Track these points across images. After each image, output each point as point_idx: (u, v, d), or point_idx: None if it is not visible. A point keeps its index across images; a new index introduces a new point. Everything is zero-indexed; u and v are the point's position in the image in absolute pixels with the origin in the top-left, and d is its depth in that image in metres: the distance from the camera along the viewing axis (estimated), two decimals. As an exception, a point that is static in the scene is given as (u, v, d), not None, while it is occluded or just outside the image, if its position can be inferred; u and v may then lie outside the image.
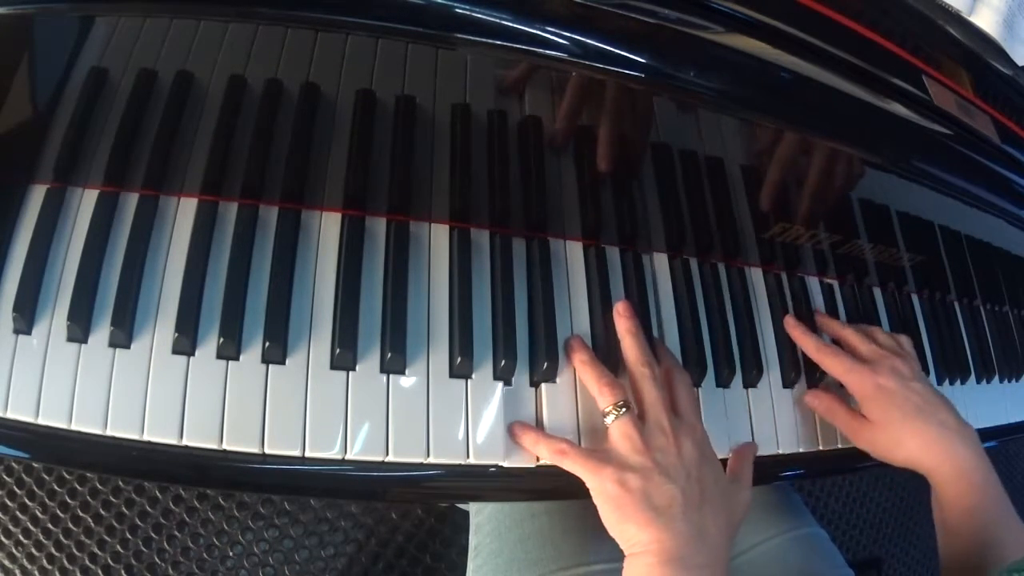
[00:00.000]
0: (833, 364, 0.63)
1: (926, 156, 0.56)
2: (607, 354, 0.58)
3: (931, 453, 0.59)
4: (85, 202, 0.52)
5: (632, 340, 0.56)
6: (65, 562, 1.01)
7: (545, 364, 0.55)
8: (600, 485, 0.50)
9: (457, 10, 0.42)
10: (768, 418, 0.64)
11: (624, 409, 0.52)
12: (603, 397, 0.53)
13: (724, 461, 0.58)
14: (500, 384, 0.55)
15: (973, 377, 0.82)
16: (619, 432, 0.52)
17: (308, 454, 0.49)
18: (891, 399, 0.60)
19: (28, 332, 0.48)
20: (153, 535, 1.04)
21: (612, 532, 0.51)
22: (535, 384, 0.56)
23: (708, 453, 0.54)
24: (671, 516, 0.49)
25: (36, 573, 1.01)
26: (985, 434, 0.79)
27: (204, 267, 0.52)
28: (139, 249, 0.51)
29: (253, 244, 0.53)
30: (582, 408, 0.56)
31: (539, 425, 0.55)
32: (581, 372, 0.56)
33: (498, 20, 0.43)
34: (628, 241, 0.63)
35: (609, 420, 0.52)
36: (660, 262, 0.65)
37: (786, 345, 0.67)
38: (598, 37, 0.44)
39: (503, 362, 0.55)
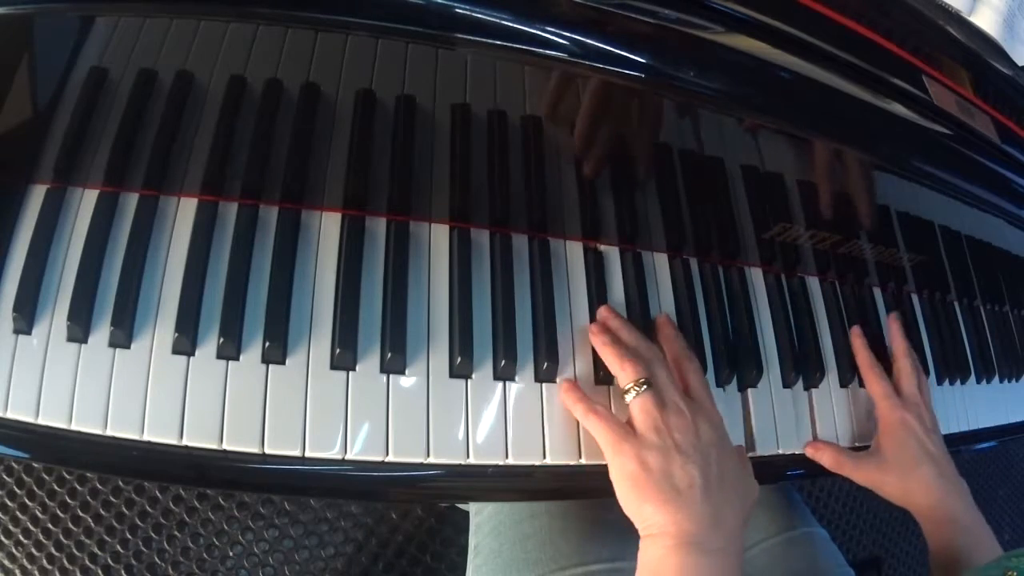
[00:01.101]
0: (875, 385, 0.66)
1: (926, 156, 0.56)
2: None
3: (927, 497, 0.62)
4: (85, 202, 0.52)
5: (631, 333, 0.56)
6: (65, 562, 1.01)
7: (545, 364, 0.55)
8: (620, 460, 0.50)
9: (457, 10, 0.42)
10: (768, 418, 0.63)
11: (645, 386, 0.52)
12: (624, 373, 0.53)
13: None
14: (500, 384, 0.55)
15: (973, 377, 0.82)
16: (640, 409, 0.52)
17: (308, 454, 0.49)
18: (909, 438, 0.63)
19: (28, 332, 0.48)
20: (153, 535, 1.04)
21: (628, 511, 0.51)
22: (535, 384, 0.56)
23: (725, 437, 0.54)
24: (690, 498, 0.49)
25: (36, 573, 1.01)
26: (985, 434, 0.80)
27: (204, 267, 0.52)
28: (139, 249, 0.51)
29: (253, 244, 0.53)
30: (582, 408, 0.56)
31: (540, 425, 0.55)
32: (603, 353, 0.55)
33: (498, 20, 0.43)
34: (628, 241, 0.63)
35: (630, 397, 0.52)
36: (660, 262, 0.65)
37: (785, 345, 0.67)
38: (598, 37, 0.44)
39: (503, 362, 0.55)
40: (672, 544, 0.48)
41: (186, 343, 0.49)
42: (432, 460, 0.52)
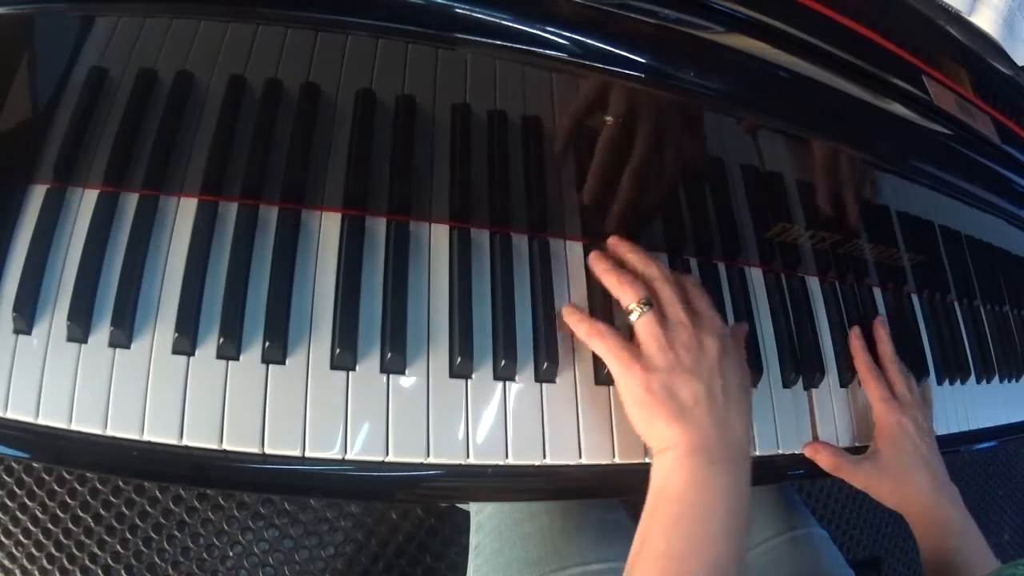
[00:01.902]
0: (873, 388, 0.67)
1: (926, 156, 0.56)
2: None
3: (922, 502, 0.63)
4: (85, 202, 0.52)
5: (632, 255, 0.57)
6: (65, 562, 1.01)
7: (545, 364, 0.55)
8: (628, 382, 0.52)
9: (457, 10, 0.42)
10: (768, 418, 0.63)
11: (647, 306, 0.53)
12: (625, 294, 0.54)
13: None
14: (500, 384, 0.55)
15: (973, 377, 0.82)
16: (644, 328, 0.53)
17: (308, 454, 0.49)
18: (906, 441, 0.64)
19: (28, 332, 0.48)
20: (153, 535, 1.04)
21: (639, 429, 0.52)
22: (535, 384, 0.56)
23: (728, 345, 0.55)
24: (696, 413, 0.50)
25: (36, 573, 1.01)
26: (985, 434, 0.80)
27: (204, 267, 0.52)
28: (139, 249, 0.51)
29: (253, 244, 0.53)
30: (582, 407, 0.56)
31: (540, 425, 0.55)
32: (604, 279, 0.56)
33: (498, 20, 0.43)
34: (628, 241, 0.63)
35: (634, 317, 0.53)
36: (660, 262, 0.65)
37: (785, 345, 0.67)
38: (598, 37, 0.44)
39: (503, 362, 0.55)
40: (681, 455, 0.50)
41: (186, 343, 0.49)
42: (432, 460, 0.52)
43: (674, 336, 0.52)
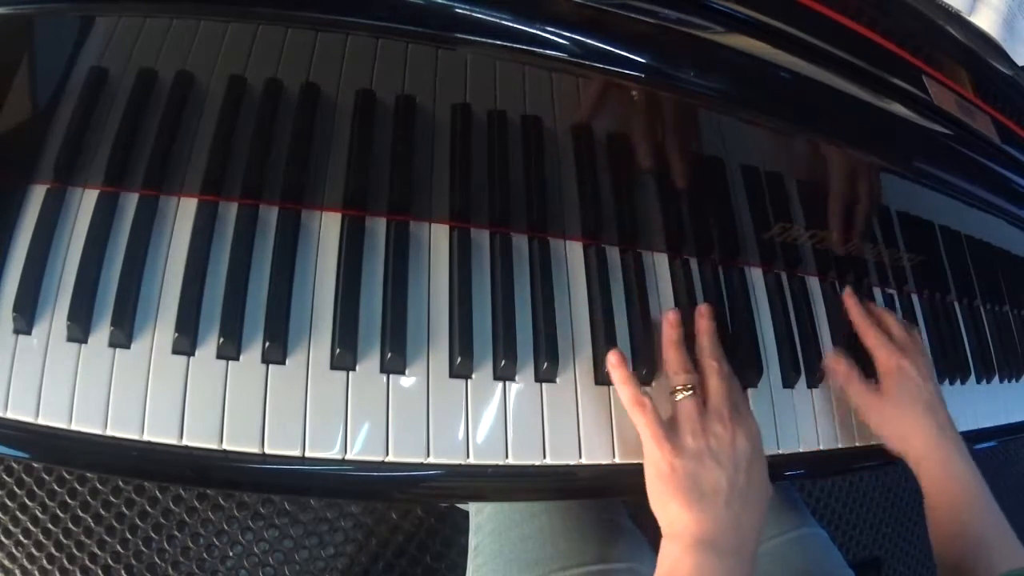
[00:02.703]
0: (870, 335, 0.68)
1: (926, 156, 0.56)
2: (609, 345, 0.58)
3: (926, 445, 0.62)
4: (85, 202, 0.52)
5: (706, 339, 0.59)
6: (65, 562, 1.01)
7: (545, 364, 0.55)
8: (656, 457, 0.52)
9: (457, 10, 0.42)
10: (768, 418, 0.63)
11: (692, 391, 0.55)
12: (677, 377, 0.56)
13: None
14: (500, 384, 0.55)
15: (973, 377, 0.82)
16: (683, 410, 0.54)
17: (308, 454, 0.49)
18: (909, 383, 0.64)
19: (28, 332, 0.48)
20: (153, 535, 1.04)
21: (655, 507, 0.53)
22: (535, 384, 0.56)
23: (759, 452, 0.56)
24: (713, 503, 0.51)
25: (36, 573, 1.01)
26: (985, 434, 0.80)
27: (204, 267, 0.52)
28: (139, 249, 0.51)
29: (253, 244, 0.53)
30: (582, 408, 0.56)
31: (540, 425, 0.55)
32: (666, 351, 0.58)
33: (498, 20, 0.43)
34: (628, 241, 0.63)
35: (678, 397, 0.55)
36: (660, 262, 0.65)
37: (786, 345, 0.67)
38: (598, 37, 0.44)
39: (503, 362, 0.55)
40: (690, 543, 0.50)
41: (186, 343, 0.49)
42: (432, 460, 0.52)
43: (709, 424, 0.54)
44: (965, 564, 0.58)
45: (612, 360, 0.56)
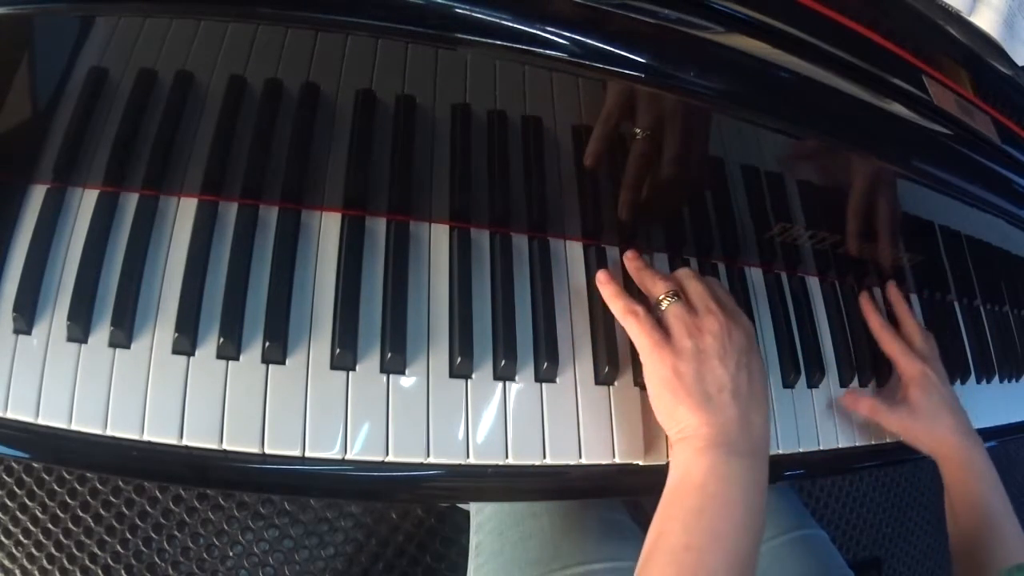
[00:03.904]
0: (891, 344, 0.68)
1: (926, 156, 0.56)
2: (609, 344, 0.58)
3: (949, 441, 0.64)
4: (85, 202, 0.52)
5: (653, 269, 0.59)
6: (65, 562, 1.01)
7: (545, 364, 0.55)
8: (656, 364, 0.52)
9: (457, 10, 0.42)
10: (768, 418, 0.63)
11: (676, 297, 0.54)
12: (656, 287, 0.55)
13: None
14: (500, 384, 0.55)
15: (973, 377, 0.82)
16: (673, 315, 0.54)
17: (308, 454, 0.49)
18: (933, 389, 0.66)
19: (28, 332, 0.48)
20: (153, 535, 1.04)
21: (661, 415, 0.52)
22: (535, 384, 0.56)
23: (754, 344, 0.55)
24: (720, 402, 0.51)
25: (36, 573, 1.01)
26: (985, 434, 0.79)
27: (204, 267, 0.52)
28: (139, 249, 0.51)
29: (253, 244, 0.53)
30: (582, 408, 0.56)
31: (540, 425, 0.55)
32: (636, 275, 0.59)
33: (498, 20, 0.43)
34: (628, 241, 0.63)
35: (664, 306, 0.54)
36: (660, 262, 0.65)
37: (786, 345, 0.67)
38: (598, 37, 0.44)
39: (503, 362, 0.55)
40: (702, 446, 0.49)
41: (186, 343, 0.49)
42: (432, 460, 0.52)
43: (703, 323, 0.53)
44: (980, 555, 0.59)
45: (601, 277, 0.56)
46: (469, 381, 0.54)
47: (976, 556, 0.59)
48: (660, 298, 0.55)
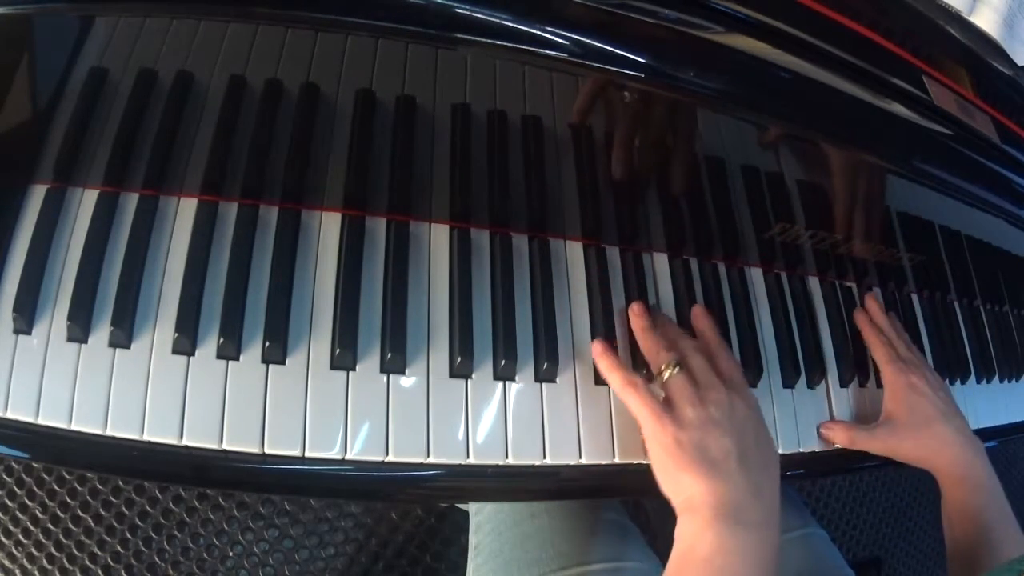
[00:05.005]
0: (879, 351, 0.68)
1: (926, 156, 0.56)
2: (609, 345, 0.57)
3: (945, 454, 0.62)
4: (85, 202, 0.52)
5: (666, 327, 0.58)
6: (65, 562, 1.01)
7: (545, 364, 0.55)
8: (658, 436, 0.50)
9: (457, 10, 0.42)
10: (768, 418, 0.63)
11: (678, 368, 0.53)
12: (658, 357, 0.55)
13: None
14: (500, 384, 0.55)
15: (973, 377, 0.82)
16: (675, 386, 0.53)
17: (308, 454, 0.49)
18: (920, 399, 0.64)
19: (28, 332, 0.48)
20: (153, 535, 1.04)
21: (664, 484, 0.50)
22: (535, 384, 0.56)
23: (759, 415, 0.55)
24: (726, 469, 0.48)
25: (36, 573, 1.01)
26: (985, 434, 0.80)
27: (204, 267, 0.52)
28: (139, 249, 0.51)
29: (253, 244, 0.53)
30: (582, 408, 0.56)
31: (540, 425, 0.55)
32: (640, 336, 0.57)
33: (498, 20, 0.43)
34: (628, 241, 0.63)
35: (666, 376, 0.53)
36: (660, 262, 0.65)
37: (786, 345, 0.67)
38: (598, 37, 0.44)
39: (503, 362, 0.55)
40: (709, 516, 0.47)
41: (186, 343, 0.49)
42: (432, 460, 0.52)
43: (705, 394, 0.52)
44: (975, 565, 0.58)
45: (597, 349, 0.55)
46: (469, 381, 0.54)
47: (972, 565, 0.58)
48: (663, 367, 0.54)
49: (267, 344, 0.50)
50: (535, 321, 0.57)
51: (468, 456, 0.52)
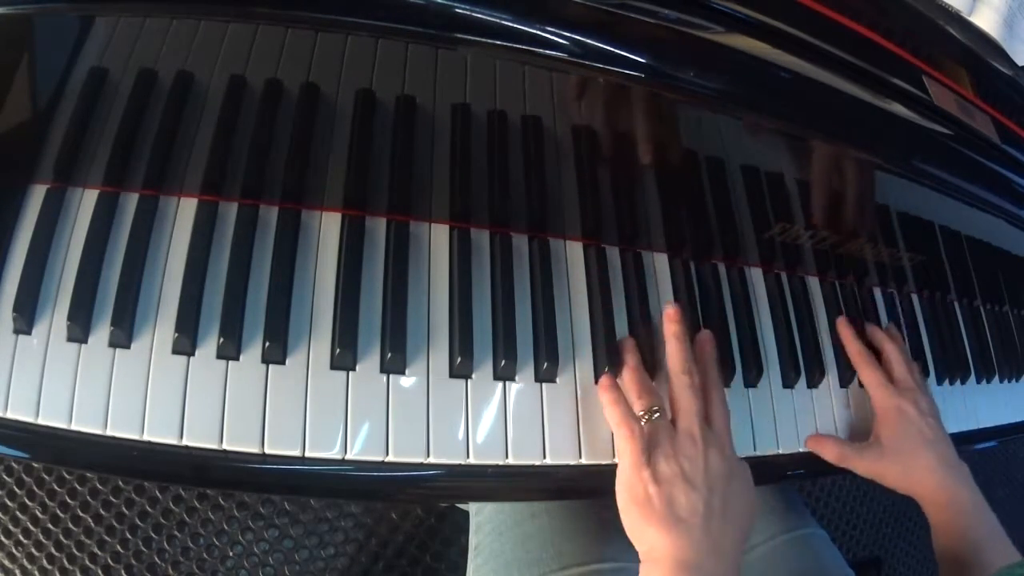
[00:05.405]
0: (868, 374, 0.67)
1: (926, 156, 0.56)
2: (609, 345, 0.58)
3: (928, 482, 0.62)
4: (85, 202, 0.52)
5: (677, 345, 0.57)
6: (65, 562, 1.01)
7: (545, 364, 0.55)
8: (631, 481, 0.51)
9: (457, 10, 0.42)
10: (768, 418, 0.63)
11: (657, 414, 0.54)
12: (640, 402, 0.55)
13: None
14: (500, 384, 0.55)
15: (973, 377, 0.82)
16: (652, 435, 0.53)
17: (308, 454, 0.49)
18: (908, 425, 0.63)
19: (28, 332, 0.48)
20: (153, 535, 1.04)
21: (631, 532, 0.52)
22: (535, 384, 0.56)
23: (735, 468, 0.55)
24: (692, 526, 0.50)
25: (36, 573, 1.01)
26: (985, 434, 0.80)
27: (204, 267, 0.52)
28: (139, 249, 0.51)
29: (253, 244, 0.53)
30: (582, 408, 0.56)
31: (540, 425, 0.55)
32: (625, 376, 0.57)
33: (498, 20, 0.43)
34: (628, 241, 0.63)
35: (643, 421, 0.54)
36: (660, 262, 0.65)
37: (786, 345, 0.67)
38: (598, 37, 0.44)
39: (503, 362, 0.55)
40: (670, 568, 0.49)
41: (186, 343, 0.49)
42: (432, 460, 0.52)
43: (680, 447, 0.52)
44: None
45: (605, 382, 0.55)
46: (469, 381, 0.54)
47: None
48: (641, 413, 0.54)
49: (267, 344, 0.50)
50: (535, 321, 0.57)
51: (468, 456, 0.52)
